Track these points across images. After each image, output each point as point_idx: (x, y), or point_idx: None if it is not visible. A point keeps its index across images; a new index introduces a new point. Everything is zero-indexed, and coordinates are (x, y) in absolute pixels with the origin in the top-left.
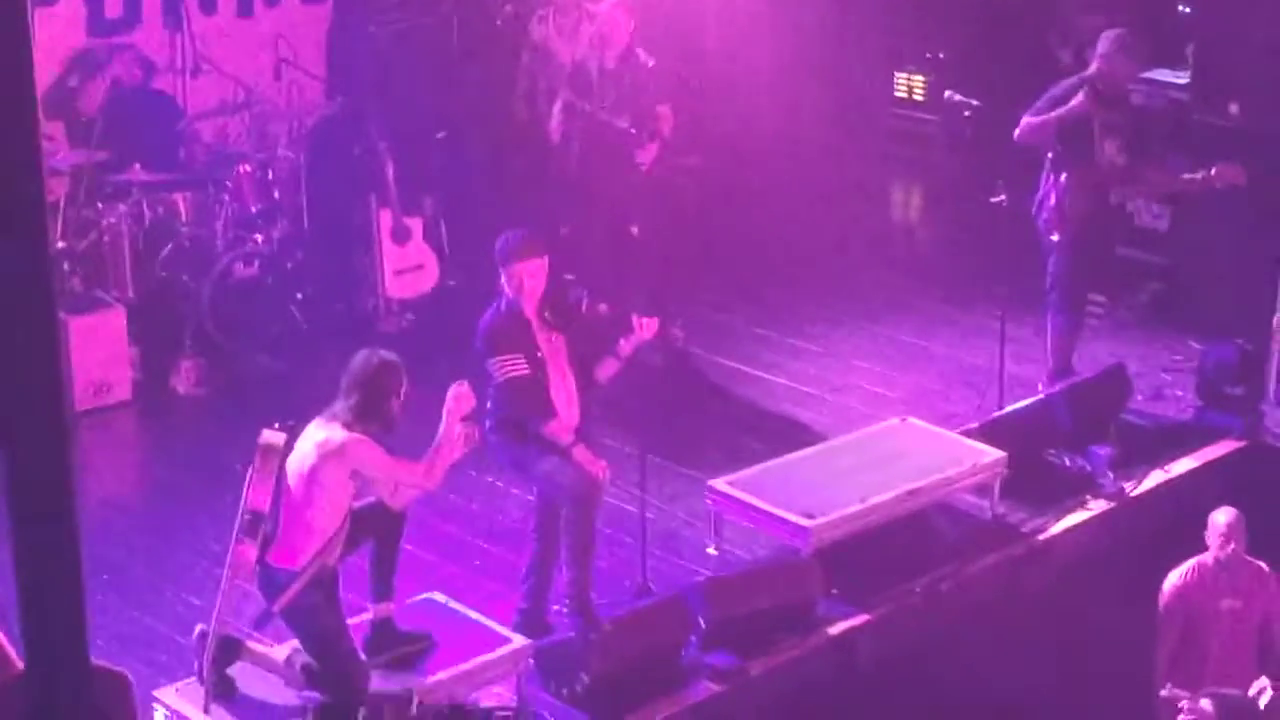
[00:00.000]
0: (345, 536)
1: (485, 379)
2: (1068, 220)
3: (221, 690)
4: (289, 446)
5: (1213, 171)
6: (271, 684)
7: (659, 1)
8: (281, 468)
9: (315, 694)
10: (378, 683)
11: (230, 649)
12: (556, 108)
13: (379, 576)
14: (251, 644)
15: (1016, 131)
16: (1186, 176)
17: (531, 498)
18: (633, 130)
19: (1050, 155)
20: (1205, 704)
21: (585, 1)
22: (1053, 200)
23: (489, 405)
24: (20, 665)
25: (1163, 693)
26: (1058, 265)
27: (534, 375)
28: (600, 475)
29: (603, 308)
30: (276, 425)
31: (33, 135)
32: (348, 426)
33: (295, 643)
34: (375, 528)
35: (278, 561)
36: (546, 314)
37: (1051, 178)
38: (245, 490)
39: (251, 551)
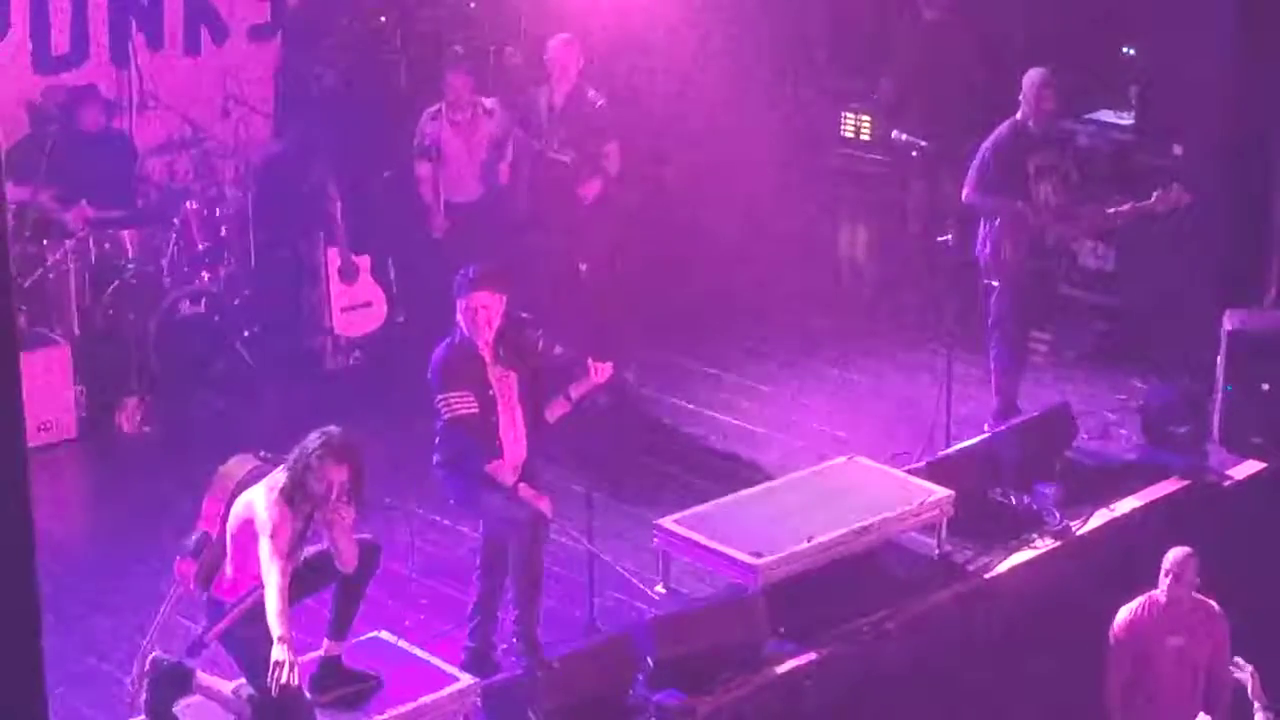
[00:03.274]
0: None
1: (433, 414)
2: (1005, 263)
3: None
4: (247, 480)
5: (1154, 198)
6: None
7: (607, 40)
8: (231, 499)
9: None
10: None
11: (179, 680)
12: (507, 145)
13: (338, 616)
14: (201, 675)
15: (965, 197)
16: (1125, 208)
17: (478, 535)
18: (574, 164)
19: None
20: None
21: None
22: (990, 245)
23: (436, 440)
24: None
25: None
26: (998, 306)
27: (481, 414)
28: (546, 511)
29: (558, 349)
30: (262, 453)
31: None
32: (282, 493)
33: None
34: (341, 574)
35: (217, 592)
36: (501, 352)
37: (988, 224)
38: (202, 506)
39: (189, 569)
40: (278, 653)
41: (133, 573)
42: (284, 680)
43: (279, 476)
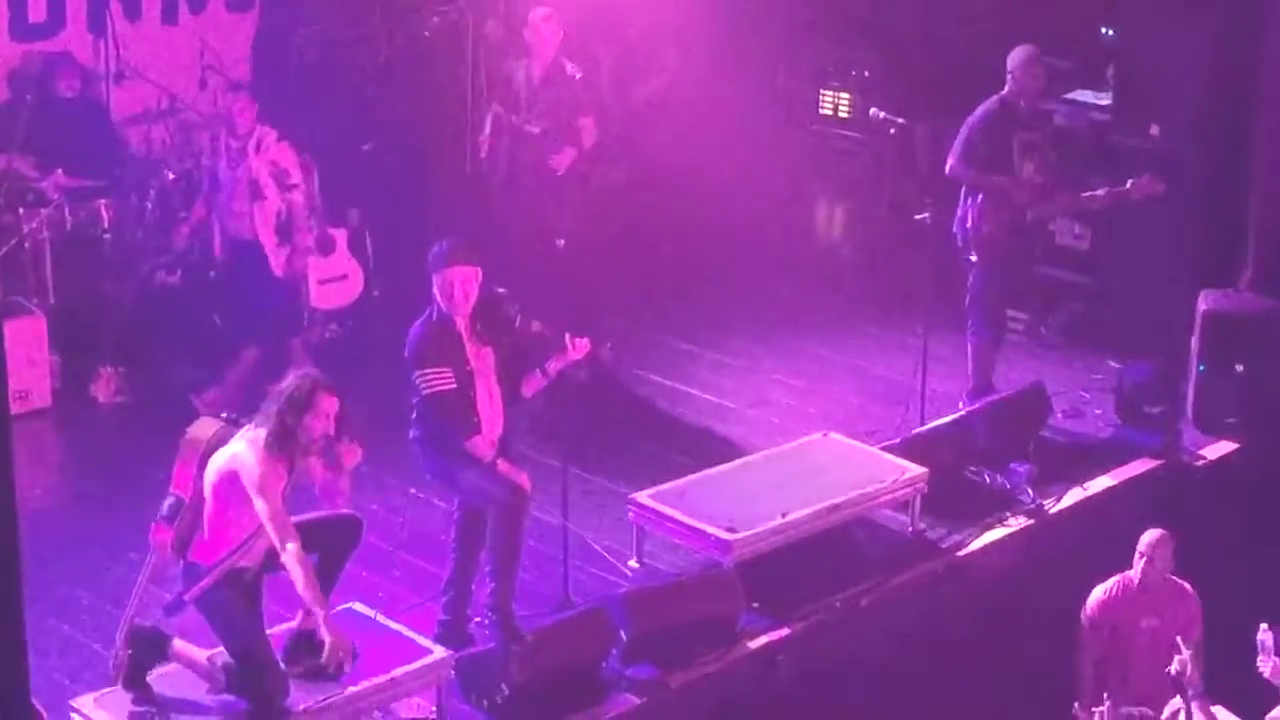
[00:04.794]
0: (264, 543)
1: (411, 389)
2: (985, 240)
3: (134, 683)
4: (216, 441)
5: (1129, 185)
6: (192, 687)
7: (587, 15)
8: (203, 462)
9: (232, 696)
10: (296, 693)
11: (156, 646)
12: (487, 120)
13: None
14: (178, 643)
15: (949, 169)
16: (1101, 193)
17: (453, 509)
18: (546, 135)
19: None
20: None
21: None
22: (970, 221)
23: (413, 416)
24: None
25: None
26: (976, 284)
27: (459, 389)
28: (524, 485)
29: (536, 325)
30: (224, 416)
31: None
32: (267, 445)
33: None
34: (325, 543)
35: (194, 556)
36: (479, 327)
37: (969, 198)
38: (173, 472)
39: (166, 534)
40: (326, 633)
41: (107, 542)
42: (342, 662)
43: (256, 431)
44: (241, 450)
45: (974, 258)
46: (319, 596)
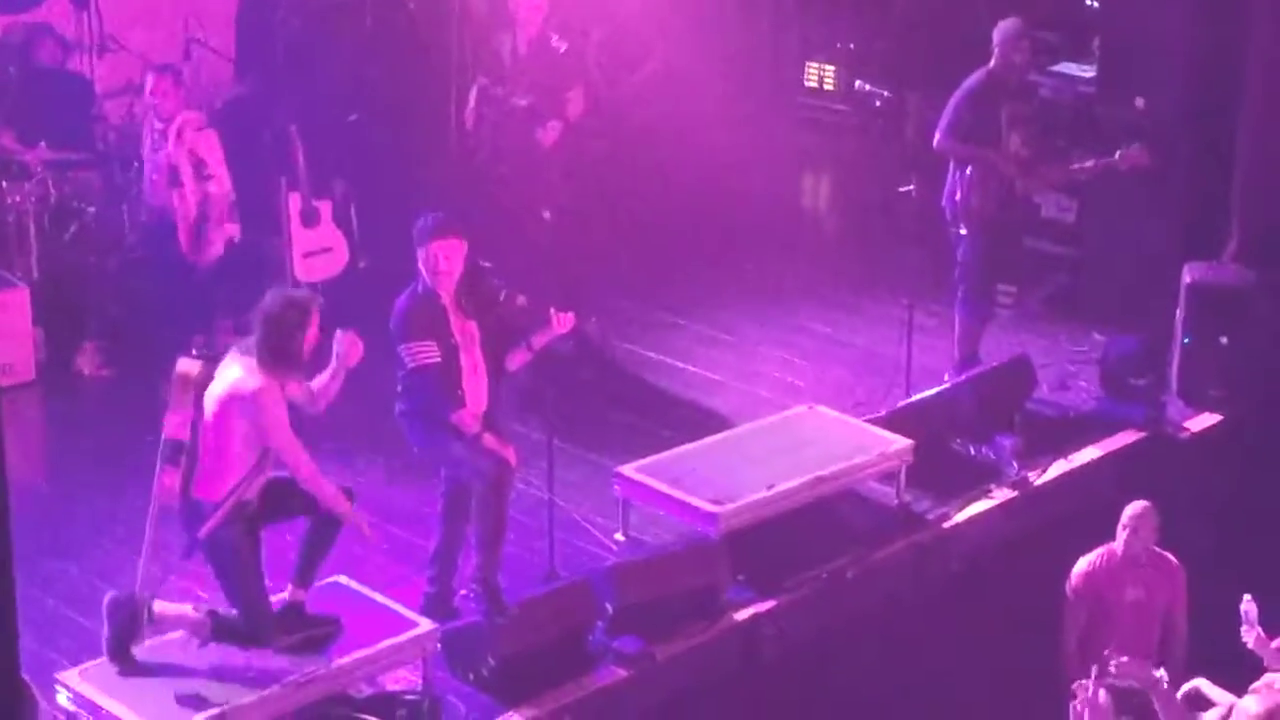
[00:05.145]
0: (265, 474)
1: (397, 362)
2: (974, 212)
3: (118, 655)
4: (206, 375)
5: (1117, 155)
6: (180, 652)
7: None
8: (199, 397)
9: (220, 645)
10: (284, 665)
11: (135, 612)
12: (472, 93)
13: (306, 561)
14: (159, 604)
15: (936, 143)
16: (1089, 163)
17: (439, 482)
18: (533, 109)
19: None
20: (1102, 697)
21: None
22: (959, 193)
23: (399, 389)
24: None
25: (1075, 686)
26: (966, 256)
27: (444, 363)
28: (511, 458)
29: (521, 299)
30: (194, 353)
31: None
32: (263, 367)
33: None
34: (315, 510)
35: (198, 493)
36: (464, 301)
37: (958, 171)
38: (164, 419)
39: (174, 478)
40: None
41: (92, 515)
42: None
43: (247, 357)
44: (239, 377)
45: (963, 230)
46: (337, 493)
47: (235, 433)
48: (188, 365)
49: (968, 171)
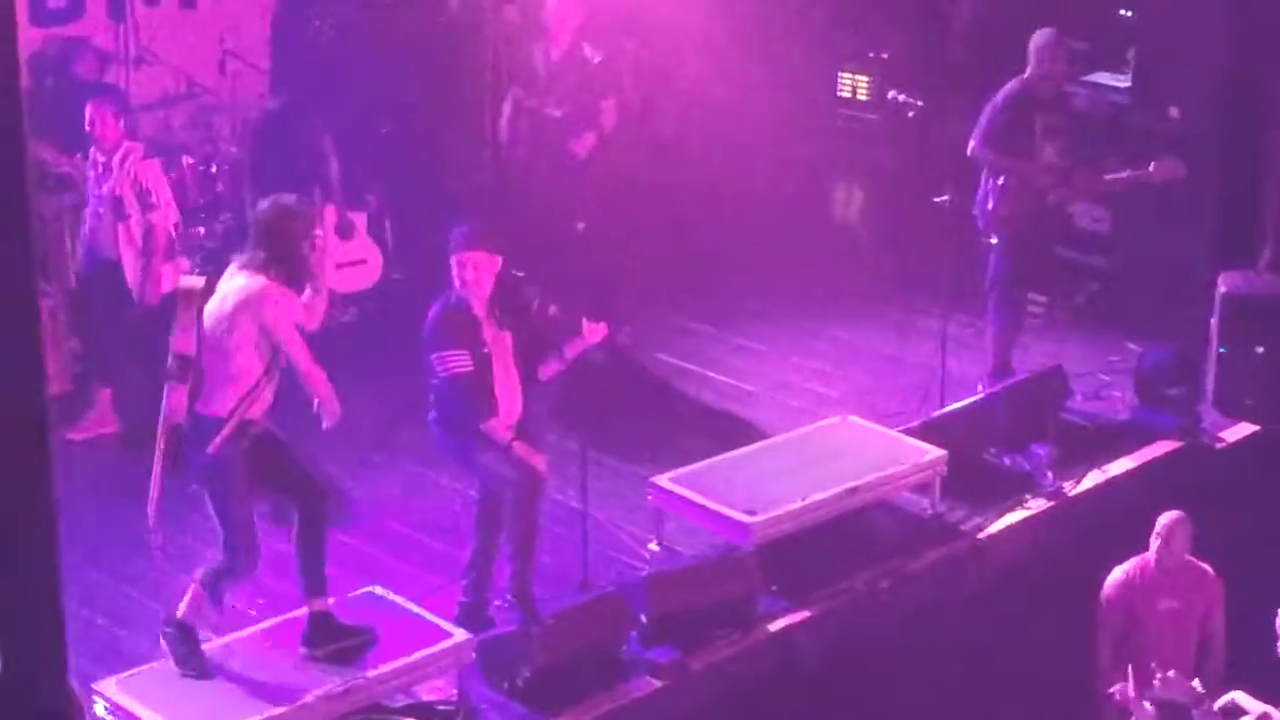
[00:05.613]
0: (270, 388)
1: (429, 371)
2: (1005, 222)
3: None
4: (209, 290)
5: (1151, 167)
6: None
7: (607, 2)
8: (201, 312)
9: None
10: (319, 677)
11: (188, 635)
12: (506, 104)
13: (310, 572)
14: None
15: (970, 151)
16: (1124, 175)
17: (473, 492)
18: (568, 120)
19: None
20: (1148, 708)
21: None
22: (990, 203)
23: (432, 398)
24: None
25: (1113, 689)
26: (997, 266)
27: (476, 372)
28: (541, 467)
29: (553, 309)
30: (195, 271)
31: (18, 136)
32: (266, 274)
33: None
34: (302, 502)
35: (204, 409)
36: (496, 310)
37: (990, 180)
38: (171, 338)
39: (181, 395)
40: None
41: (126, 525)
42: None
43: (251, 271)
44: (244, 284)
45: (994, 240)
46: (327, 384)
47: (243, 340)
48: (191, 282)
49: (1000, 180)
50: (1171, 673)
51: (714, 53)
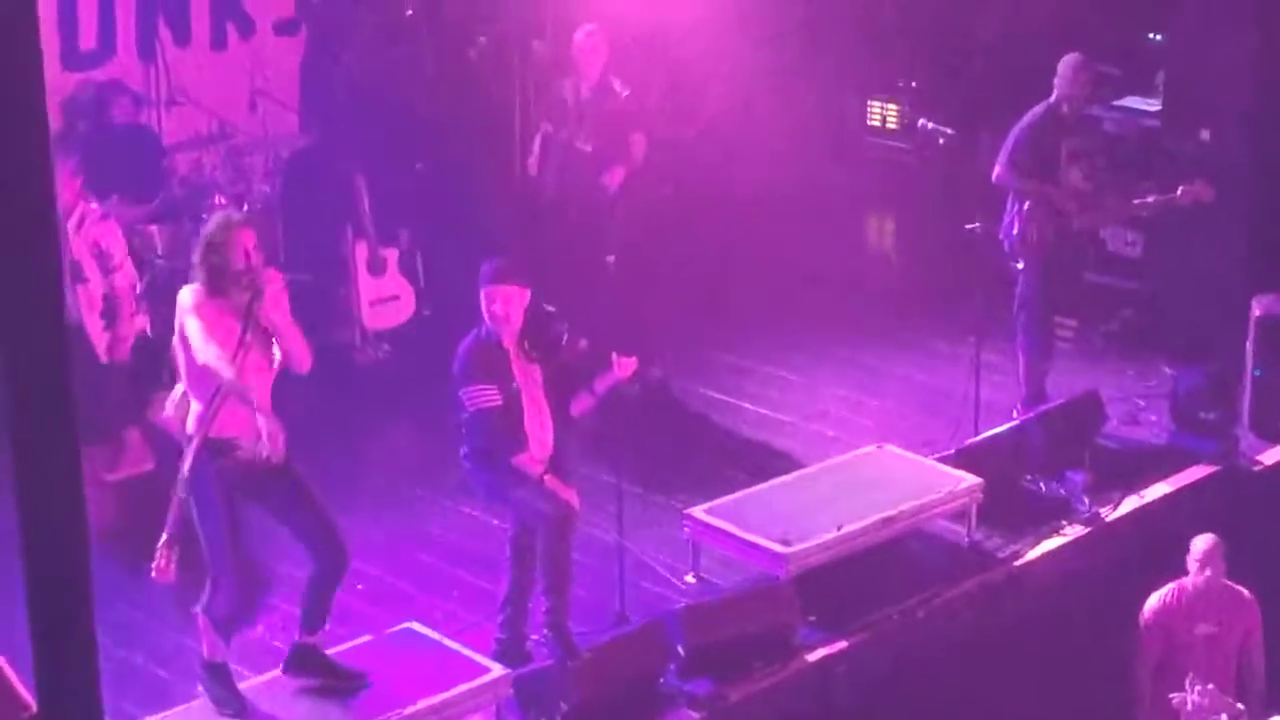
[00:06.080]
0: (234, 409)
1: (459, 406)
2: (1031, 246)
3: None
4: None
5: (1179, 191)
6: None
7: (633, 30)
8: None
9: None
10: (355, 711)
11: (221, 673)
12: (536, 140)
13: (311, 613)
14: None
15: (995, 176)
16: (1150, 199)
17: (507, 527)
18: (597, 154)
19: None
20: None
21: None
22: (1016, 227)
23: (463, 433)
24: (34, 706)
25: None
26: (1024, 290)
27: (506, 406)
28: (574, 501)
29: (583, 344)
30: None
31: (46, 177)
32: (203, 285)
33: None
34: (322, 556)
35: (185, 428)
36: (526, 345)
37: (1016, 204)
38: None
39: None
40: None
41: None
42: (275, 449)
43: (192, 283)
44: (181, 297)
45: (1020, 264)
46: (263, 405)
47: (192, 361)
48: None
49: (1025, 205)
50: (1210, 686)
51: (742, 84)
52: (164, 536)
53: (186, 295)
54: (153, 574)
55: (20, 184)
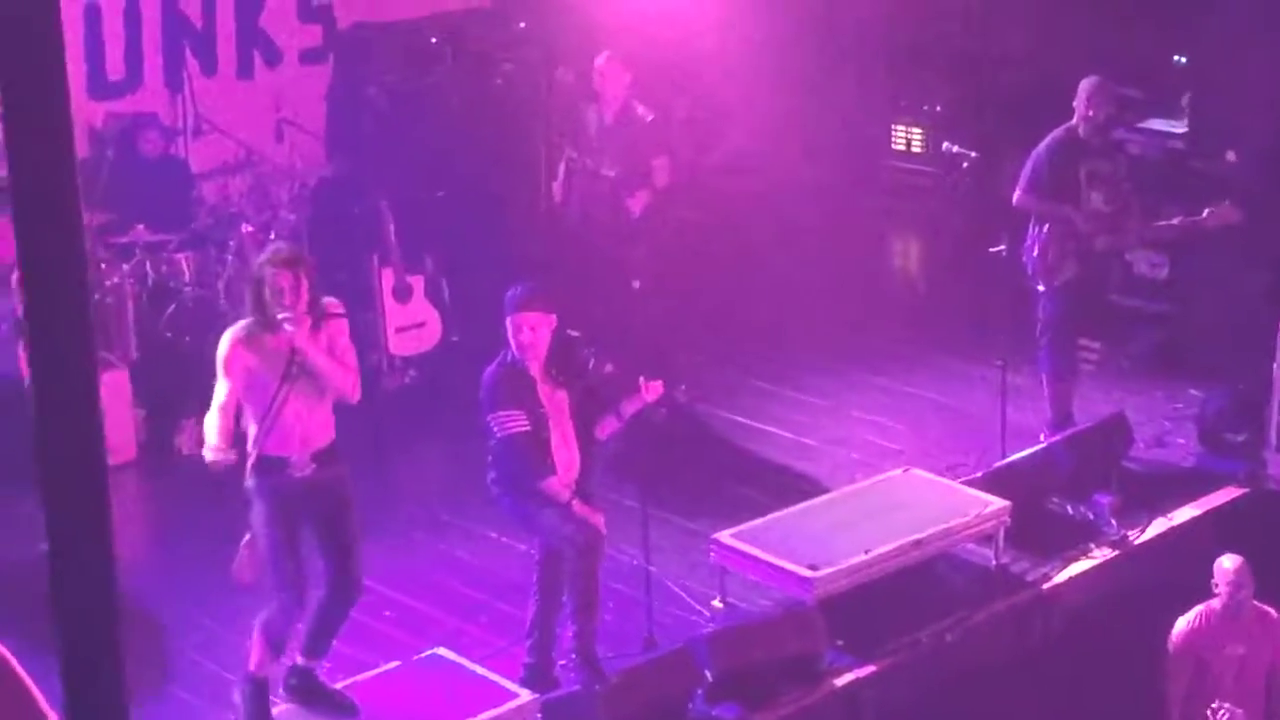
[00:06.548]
0: (298, 428)
1: (487, 432)
2: (1053, 269)
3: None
4: None
5: (1204, 214)
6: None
7: (654, 57)
8: None
9: None
10: None
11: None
12: (560, 166)
13: (317, 633)
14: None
15: (1015, 199)
16: (1175, 221)
17: (534, 552)
18: (621, 179)
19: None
20: None
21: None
22: (1037, 250)
23: (489, 458)
24: None
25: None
26: (1046, 313)
27: (533, 431)
28: (601, 526)
29: (609, 367)
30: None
31: (74, 205)
32: (239, 326)
33: None
34: (334, 583)
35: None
36: (552, 370)
37: (1036, 228)
38: None
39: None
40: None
41: (196, 594)
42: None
43: (244, 318)
44: (226, 333)
45: (1042, 287)
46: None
47: (231, 386)
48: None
49: (1045, 228)
50: (1239, 711)
51: (766, 108)
52: (247, 536)
53: (230, 332)
54: (233, 571)
55: (49, 212)
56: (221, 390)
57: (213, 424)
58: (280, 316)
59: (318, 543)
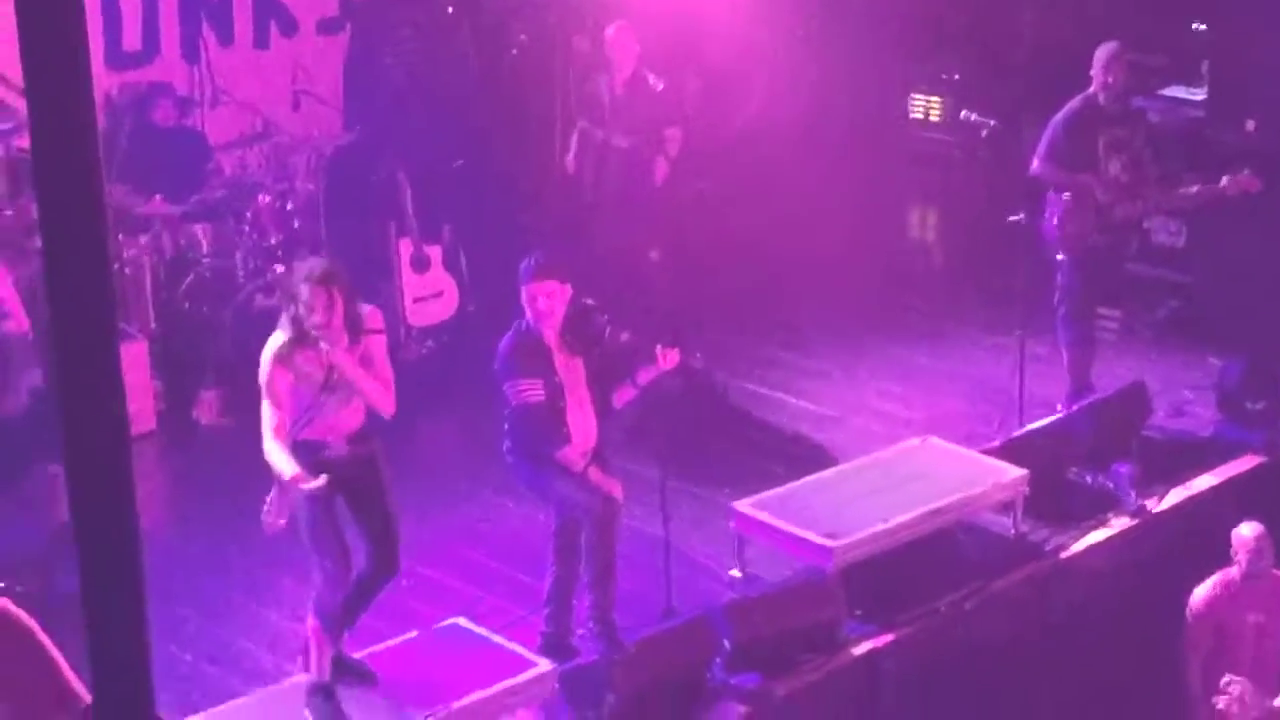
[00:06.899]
0: (330, 419)
1: (503, 401)
2: (1071, 238)
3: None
4: None
5: (1223, 182)
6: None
7: (668, 24)
8: None
9: None
10: (400, 707)
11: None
12: (573, 136)
13: (350, 608)
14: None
15: (1033, 168)
16: (1194, 190)
17: (551, 521)
18: (634, 149)
19: None
20: None
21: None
22: (1056, 219)
23: (506, 427)
24: (88, 699)
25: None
26: (1065, 281)
27: (549, 400)
28: (617, 494)
29: (625, 335)
30: None
31: (95, 177)
32: (280, 342)
33: None
34: (374, 560)
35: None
36: (568, 339)
37: (1055, 196)
38: None
39: None
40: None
41: (213, 563)
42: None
43: (280, 330)
44: (267, 346)
45: (1061, 256)
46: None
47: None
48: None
49: (1064, 197)
50: (1251, 686)
51: (783, 77)
52: (274, 489)
53: (271, 345)
54: (264, 517)
55: (70, 183)
56: (272, 416)
57: (278, 454)
58: (315, 334)
59: (354, 519)
